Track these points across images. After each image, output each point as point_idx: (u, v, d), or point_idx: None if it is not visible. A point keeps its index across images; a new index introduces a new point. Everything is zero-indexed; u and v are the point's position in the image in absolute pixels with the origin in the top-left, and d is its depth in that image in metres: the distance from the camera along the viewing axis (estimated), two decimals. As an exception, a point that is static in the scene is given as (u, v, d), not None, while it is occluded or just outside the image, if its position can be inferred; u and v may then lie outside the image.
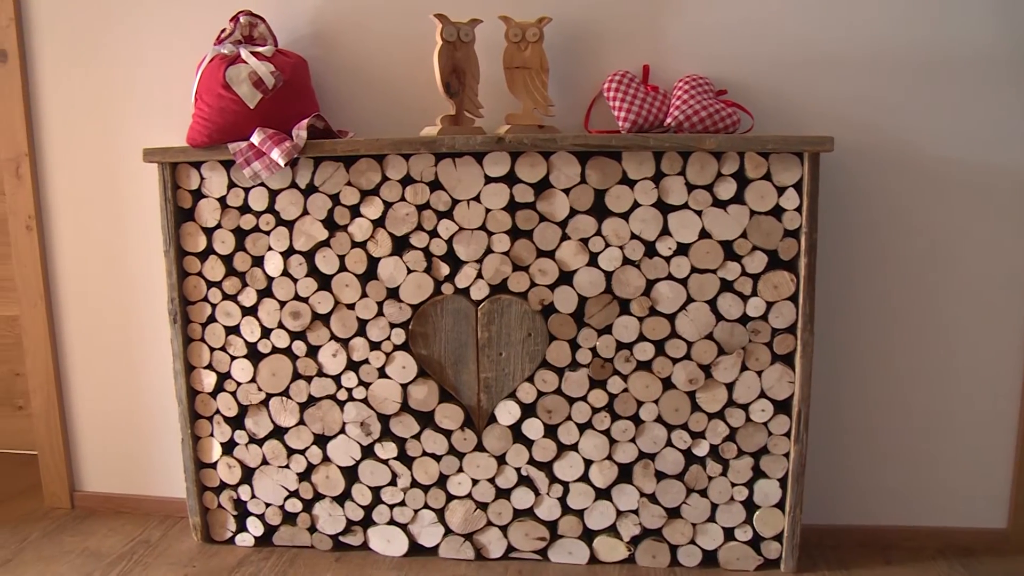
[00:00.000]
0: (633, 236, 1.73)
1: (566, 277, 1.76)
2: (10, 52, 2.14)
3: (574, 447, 1.83)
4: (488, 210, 1.75)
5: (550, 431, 1.83)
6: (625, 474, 1.84)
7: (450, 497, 1.89)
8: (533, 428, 1.83)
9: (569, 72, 1.91)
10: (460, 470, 1.87)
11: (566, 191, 1.73)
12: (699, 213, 1.71)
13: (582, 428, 1.82)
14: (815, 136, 1.65)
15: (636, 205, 1.72)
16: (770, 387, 1.75)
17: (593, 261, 1.75)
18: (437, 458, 1.87)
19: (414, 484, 1.89)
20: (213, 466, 1.98)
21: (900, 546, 1.97)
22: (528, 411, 1.83)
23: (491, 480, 1.87)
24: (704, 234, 1.71)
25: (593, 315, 1.77)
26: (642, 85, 1.83)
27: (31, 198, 2.20)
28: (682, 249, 1.73)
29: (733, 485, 1.80)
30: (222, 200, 1.84)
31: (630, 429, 1.80)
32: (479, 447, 1.85)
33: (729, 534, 1.83)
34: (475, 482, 1.87)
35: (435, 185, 1.76)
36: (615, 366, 1.78)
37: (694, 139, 1.66)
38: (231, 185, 1.83)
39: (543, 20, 1.79)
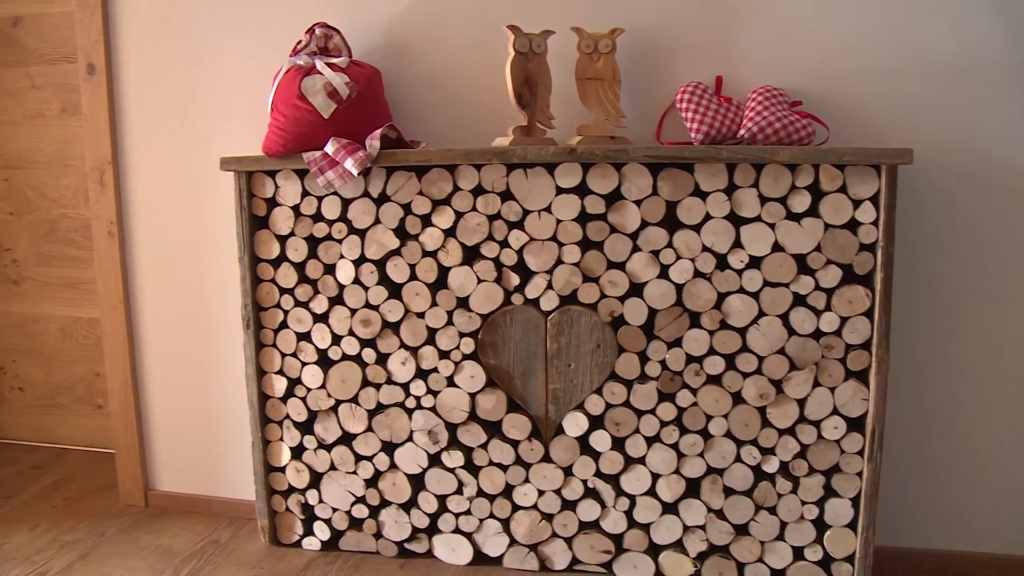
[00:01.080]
0: (705, 248, 1.71)
1: (636, 289, 1.75)
2: (97, 66, 2.21)
3: (641, 460, 1.82)
4: (559, 221, 1.75)
5: (617, 443, 1.82)
6: (693, 489, 1.82)
7: (516, 507, 1.89)
8: (600, 440, 1.82)
9: (641, 83, 1.90)
10: (526, 480, 1.87)
11: (637, 203, 1.72)
12: (772, 226, 1.68)
13: (650, 441, 1.81)
14: (894, 148, 1.61)
15: (708, 217, 1.70)
16: (843, 404, 1.71)
17: (664, 273, 1.74)
18: (504, 468, 1.87)
19: (480, 493, 1.90)
20: (282, 470, 2.01)
21: (978, 574, 1.91)
22: (596, 423, 1.82)
23: (557, 491, 1.86)
24: (777, 247, 1.69)
25: (663, 328, 1.75)
26: (715, 96, 1.81)
27: (113, 205, 2.27)
28: (754, 262, 1.70)
29: (803, 503, 1.76)
30: (296, 208, 1.87)
31: (698, 443, 1.78)
32: (546, 458, 1.85)
33: (798, 553, 1.80)
34: (541, 493, 1.87)
35: (506, 195, 1.76)
36: (684, 379, 1.76)
37: (768, 151, 1.64)
38: (305, 194, 1.86)
39: (616, 31, 1.79)
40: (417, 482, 1.94)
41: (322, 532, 2.02)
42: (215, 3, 2.12)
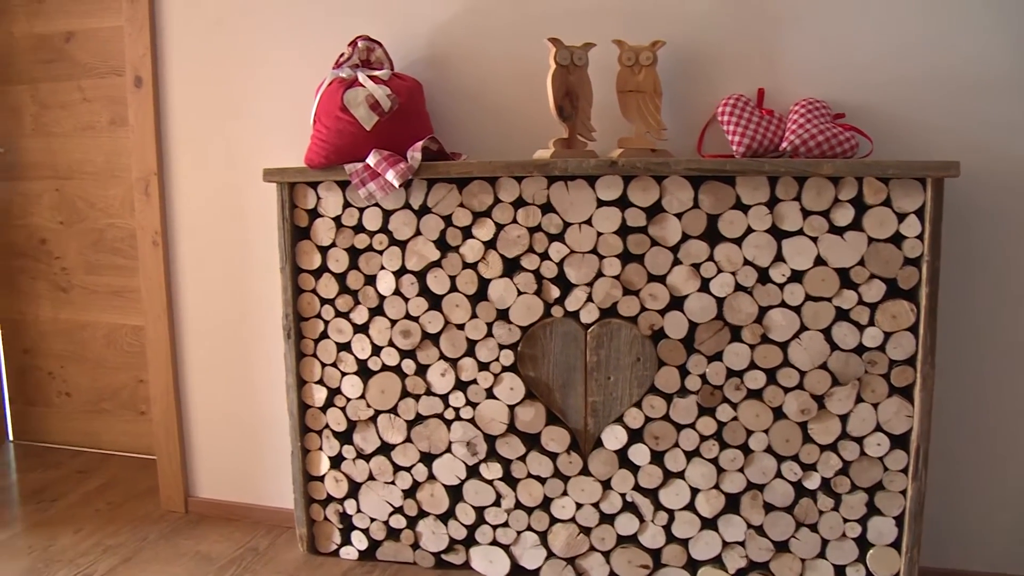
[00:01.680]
0: (746, 262, 1.70)
1: (677, 302, 1.74)
2: (144, 79, 2.25)
3: (681, 475, 1.80)
4: (600, 233, 1.74)
5: (657, 457, 1.81)
6: (732, 504, 1.80)
7: (553, 520, 1.89)
8: (640, 454, 1.81)
9: (682, 95, 1.90)
10: (564, 493, 1.86)
11: (678, 215, 1.71)
12: (815, 240, 1.66)
13: (689, 456, 1.79)
14: (939, 161, 1.59)
15: (750, 231, 1.69)
16: (887, 420, 1.69)
17: (705, 287, 1.73)
18: (542, 480, 1.87)
19: (518, 505, 1.90)
20: (321, 479, 2.02)
21: (1025, 594, 1.87)
22: (635, 436, 1.81)
23: (595, 505, 1.85)
24: (819, 261, 1.67)
25: (704, 341, 1.74)
26: (757, 109, 1.80)
27: (158, 215, 2.31)
28: (796, 276, 1.69)
29: (845, 521, 1.74)
30: (337, 219, 1.89)
31: (739, 458, 1.76)
32: (584, 471, 1.84)
33: (840, 572, 1.77)
34: (579, 506, 1.86)
35: (547, 208, 1.77)
36: (725, 394, 1.75)
37: (810, 164, 1.63)
38: (346, 205, 1.88)
39: (657, 44, 1.78)
40: (455, 493, 1.94)
41: (360, 542, 2.03)
42: (259, 17, 2.15)
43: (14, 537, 2.32)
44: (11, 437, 3.26)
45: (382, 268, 1.87)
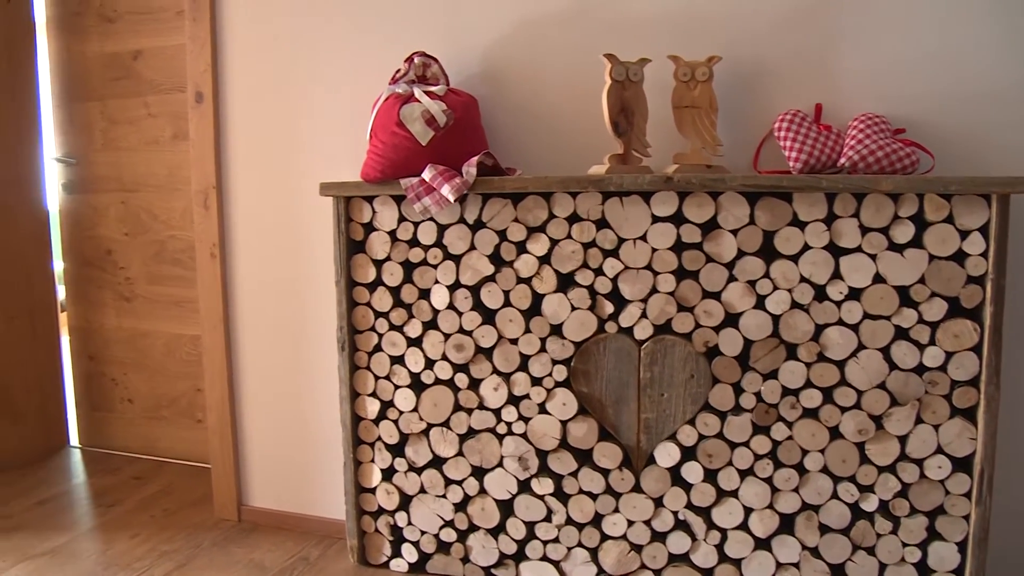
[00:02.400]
0: (802, 279, 1.68)
1: (732, 319, 1.73)
2: (205, 94, 2.31)
3: (734, 493, 1.78)
4: (654, 250, 1.74)
5: (710, 476, 1.79)
6: (787, 525, 1.77)
7: (604, 537, 1.88)
8: (693, 472, 1.79)
9: (738, 111, 1.88)
10: (616, 510, 1.85)
11: (734, 232, 1.70)
12: (873, 257, 1.64)
13: (743, 474, 1.77)
14: (1005, 177, 1.55)
15: (806, 247, 1.67)
16: (948, 443, 1.65)
17: (760, 304, 1.71)
18: (593, 497, 1.86)
19: (569, 521, 1.89)
20: (372, 491, 2.04)
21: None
22: (688, 454, 1.80)
23: (647, 522, 1.84)
24: (878, 279, 1.64)
25: (759, 359, 1.72)
26: (814, 124, 1.78)
27: (216, 228, 2.35)
28: (854, 294, 1.66)
29: (904, 545, 1.70)
30: (392, 233, 1.91)
31: (793, 478, 1.74)
32: (636, 488, 1.83)
33: (899, 597, 1.74)
34: (631, 523, 1.85)
35: (602, 223, 1.76)
36: (780, 412, 1.73)
37: (869, 180, 1.60)
38: (401, 219, 1.89)
39: (713, 59, 1.78)
40: (506, 508, 1.94)
41: (410, 554, 2.03)
42: (317, 34, 2.19)
43: (73, 540, 2.38)
44: (76, 442, 3.35)
45: (436, 282, 1.88)
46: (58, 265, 3.29)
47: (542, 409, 1.86)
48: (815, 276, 1.67)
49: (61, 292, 3.50)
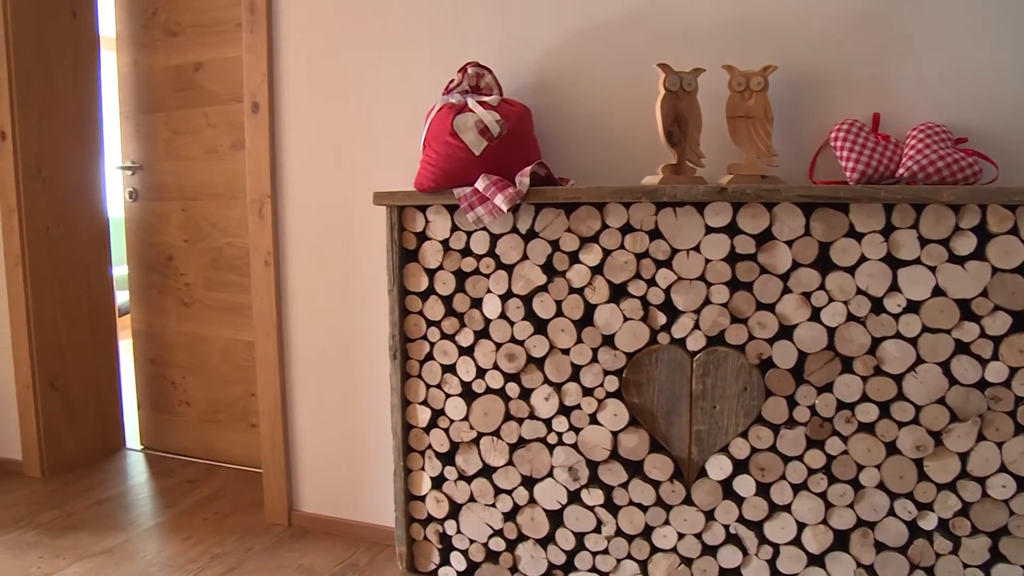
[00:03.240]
0: (859, 291, 1.65)
1: (786, 331, 1.71)
2: (261, 104, 2.35)
3: (787, 508, 1.76)
4: (708, 260, 1.72)
5: (762, 489, 1.77)
6: (841, 541, 1.74)
7: (654, 549, 1.86)
8: (745, 485, 1.77)
9: (793, 121, 1.87)
10: (666, 522, 1.84)
11: (789, 243, 1.68)
12: (933, 269, 1.60)
13: (796, 489, 1.75)
14: (1073, 189, 1.52)
15: (863, 259, 1.64)
16: (1012, 461, 1.61)
17: (815, 316, 1.68)
18: (644, 508, 1.85)
19: (618, 533, 1.88)
20: (422, 499, 2.04)
21: None
22: (740, 467, 1.78)
23: (698, 535, 1.82)
24: (938, 291, 1.61)
25: (813, 372, 1.70)
26: (872, 134, 1.76)
27: (270, 236, 2.39)
28: (912, 306, 1.63)
29: (966, 567, 1.66)
30: (445, 243, 1.92)
31: (848, 494, 1.71)
32: (687, 500, 1.82)
33: (959, 618, 1.69)
34: (681, 536, 1.83)
35: (655, 234, 1.75)
36: (835, 426, 1.70)
37: (929, 191, 1.57)
38: (454, 228, 1.91)
39: (768, 69, 1.76)
40: (555, 518, 1.93)
41: (458, 563, 2.04)
42: (371, 44, 2.21)
43: (129, 541, 2.43)
44: (138, 443, 3.42)
45: (488, 291, 1.89)
46: (122, 270, 3.39)
47: (593, 420, 1.85)
48: (872, 288, 1.64)
49: (119, 297, 3.61)
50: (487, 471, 1.97)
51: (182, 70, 3.05)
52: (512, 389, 1.90)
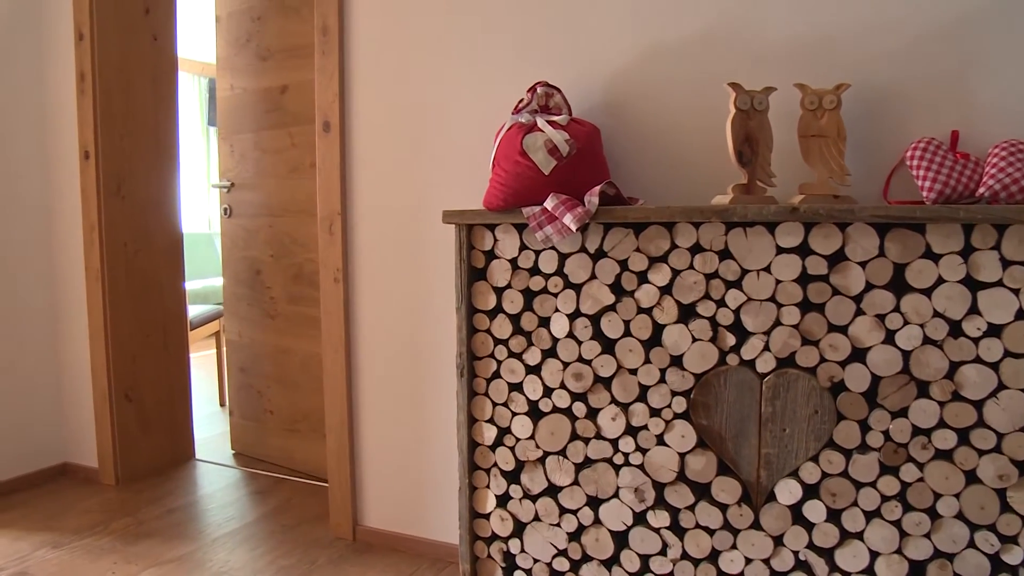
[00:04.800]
0: (936, 314, 1.61)
1: (859, 354, 1.67)
2: (332, 124, 2.39)
3: (859, 535, 1.71)
4: (778, 281, 1.70)
5: (833, 515, 1.73)
6: (917, 572, 1.69)
7: (721, 574, 1.83)
8: (815, 511, 1.73)
9: (867, 140, 1.84)
10: (734, 547, 1.81)
11: (862, 264, 1.65)
12: (1016, 292, 1.56)
13: (869, 516, 1.70)
14: None
15: (940, 281, 1.60)
16: (1100, 492, 1.55)
17: (889, 339, 1.65)
18: (711, 532, 1.82)
19: (684, 556, 1.85)
20: (487, 517, 2.05)
21: None
22: (810, 492, 1.74)
23: (766, 561, 1.79)
24: (1021, 315, 1.56)
25: (887, 396, 1.66)
26: (950, 152, 1.72)
27: (340, 253, 2.43)
28: (994, 330, 1.58)
29: (1051, 600, 1.60)
30: (513, 261, 1.93)
31: (924, 523, 1.66)
32: (755, 525, 1.79)
33: (1042, 656, 1.63)
34: (748, 561, 1.80)
35: (724, 254, 1.74)
36: (910, 452, 1.66)
37: (1012, 211, 1.53)
38: (522, 247, 1.91)
39: (841, 87, 1.74)
40: (620, 539, 1.92)
41: (522, 581, 2.04)
42: (440, 64, 2.24)
43: (198, 550, 2.48)
44: (229, 447, 3.50)
45: (556, 310, 1.89)
46: (217, 282, 3.55)
47: (660, 441, 1.84)
48: (950, 311, 1.60)
49: (191, 310, 3.73)
50: (552, 490, 1.97)
51: (270, 93, 3.16)
52: (579, 408, 1.90)
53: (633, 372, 1.84)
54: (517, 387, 1.96)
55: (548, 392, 1.92)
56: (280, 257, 3.22)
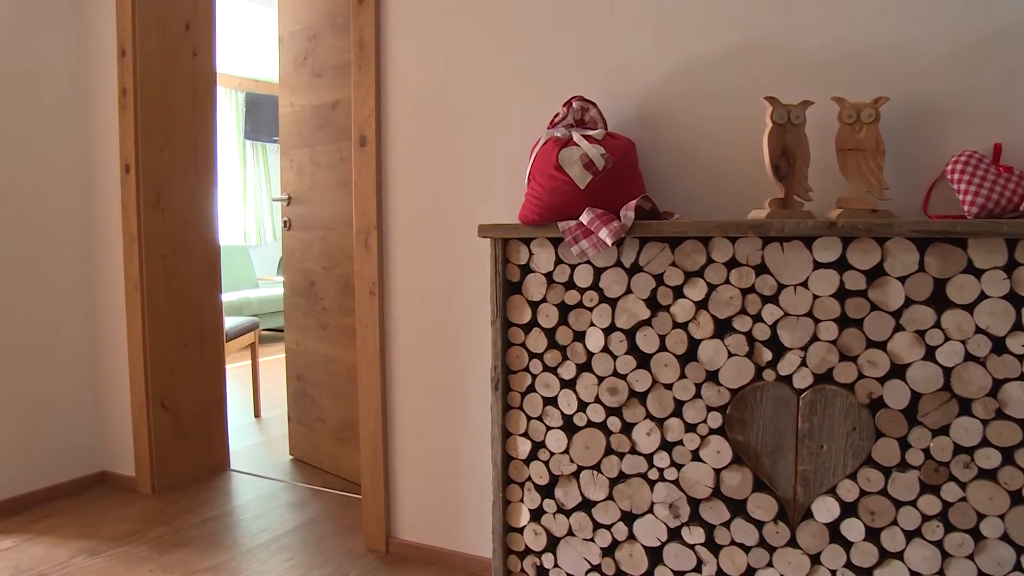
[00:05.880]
0: (978, 330, 1.59)
1: (898, 370, 1.65)
2: (369, 138, 2.41)
3: (899, 555, 1.69)
4: (816, 296, 1.68)
5: (872, 534, 1.70)
6: (959, 593, 1.67)
7: (758, 592, 1.82)
8: (853, 529, 1.71)
9: (906, 153, 1.82)
10: (770, 564, 1.78)
11: (902, 279, 1.63)
12: (1061, 308, 1.54)
13: (909, 536, 1.68)
14: None
15: (983, 296, 1.58)
16: None
17: (930, 355, 1.62)
18: (746, 549, 1.80)
19: (719, 573, 1.83)
20: (520, 531, 2.04)
21: None
22: (848, 510, 1.72)
23: (803, 580, 1.77)
24: (1067, 332, 1.54)
25: (928, 413, 1.63)
26: (992, 165, 1.69)
27: (375, 266, 2.45)
28: (1039, 348, 1.56)
29: (1098, 624, 1.57)
30: (548, 275, 1.93)
31: (968, 544, 1.63)
32: (792, 543, 1.76)
33: None
34: (785, 579, 1.78)
35: (761, 269, 1.73)
36: (951, 471, 1.63)
37: (1058, 226, 1.51)
38: (558, 261, 1.91)
39: (880, 100, 1.72)
40: (655, 555, 1.90)
41: (556, 596, 2.03)
42: (475, 79, 2.26)
43: (233, 559, 2.50)
44: (288, 453, 3.54)
45: (591, 325, 1.89)
46: (276, 291, 3.63)
47: (695, 456, 1.82)
48: (993, 327, 1.58)
49: (227, 321, 3.79)
50: (586, 505, 1.96)
51: (322, 109, 3.24)
52: (613, 423, 1.89)
53: (668, 387, 1.83)
54: (552, 401, 1.96)
55: (583, 406, 1.92)
56: (331, 269, 3.28)
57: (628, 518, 1.91)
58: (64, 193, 3.18)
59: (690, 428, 1.82)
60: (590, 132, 1.90)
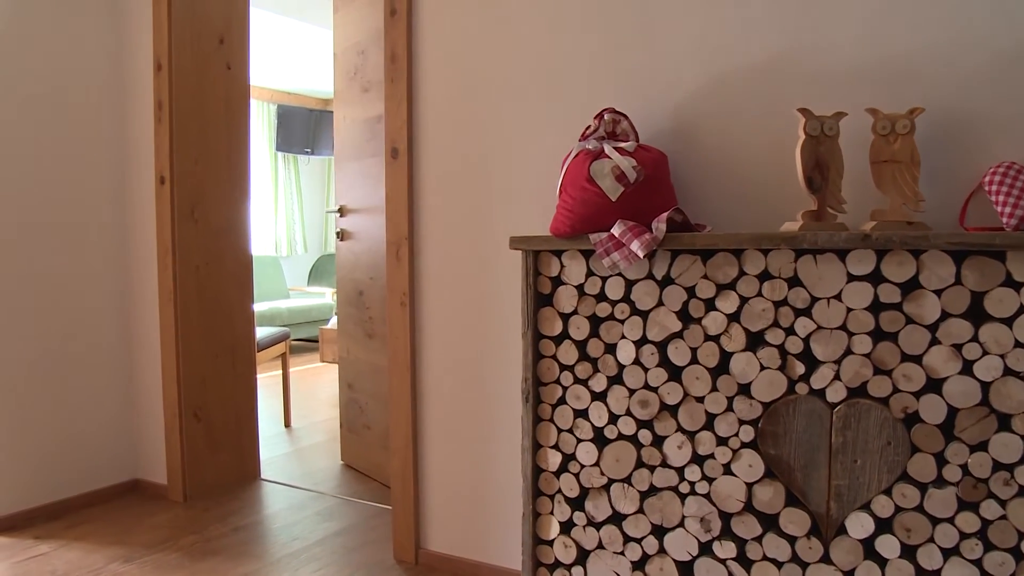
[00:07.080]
0: (1017, 344, 1.56)
1: (934, 385, 1.63)
2: (401, 150, 2.43)
3: (936, 574, 1.66)
4: (849, 309, 1.67)
5: (908, 552, 1.68)
6: (998, 612, 1.63)
7: (790, 608, 1.79)
8: (888, 546, 1.68)
9: (942, 165, 1.80)
10: (803, 581, 1.77)
11: (938, 292, 1.61)
12: (1103, 322, 1.51)
13: (947, 553, 1.65)
14: None
15: (1022, 310, 1.56)
16: None
17: (967, 369, 1.60)
18: (778, 564, 1.78)
19: (752, 589, 1.82)
20: (550, 543, 2.04)
21: None
22: (883, 526, 1.69)
23: (837, 596, 1.74)
24: (1109, 347, 1.51)
25: (965, 428, 1.61)
26: (1030, 178, 1.67)
27: (407, 278, 2.46)
28: (1080, 362, 1.53)
29: None
30: (580, 288, 1.93)
31: (1008, 563, 1.60)
32: (825, 558, 1.74)
33: None
34: (819, 596, 1.76)
35: (794, 281, 1.71)
36: (991, 488, 1.60)
37: (1098, 239, 1.48)
38: (589, 274, 1.91)
39: (915, 111, 1.71)
40: (685, 570, 1.89)
41: (585, 609, 2.02)
42: (507, 91, 2.27)
43: (263, 568, 2.51)
44: (339, 458, 3.57)
45: (623, 337, 1.88)
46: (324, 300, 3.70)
47: (727, 470, 1.81)
48: (1032, 342, 1.55)
49: (258, 332, 3.84)
50: (617, 518, 1.95)
51: (369, 122, 3.30)
52: (644, 436, 1.88)
53: (700, 400, 1.82)
54: (582, 413, 1.95)
55: (613, 419, 1.91)
56: (377, 279, 3.34)
57: (659, 532, 1.90)
58: (101, 204, 3.24)
59: (722, 441, 1.81)
60: (622, 144, 1.90)
